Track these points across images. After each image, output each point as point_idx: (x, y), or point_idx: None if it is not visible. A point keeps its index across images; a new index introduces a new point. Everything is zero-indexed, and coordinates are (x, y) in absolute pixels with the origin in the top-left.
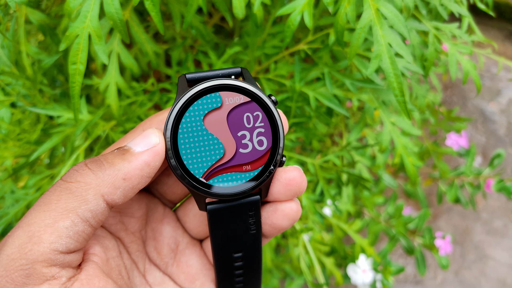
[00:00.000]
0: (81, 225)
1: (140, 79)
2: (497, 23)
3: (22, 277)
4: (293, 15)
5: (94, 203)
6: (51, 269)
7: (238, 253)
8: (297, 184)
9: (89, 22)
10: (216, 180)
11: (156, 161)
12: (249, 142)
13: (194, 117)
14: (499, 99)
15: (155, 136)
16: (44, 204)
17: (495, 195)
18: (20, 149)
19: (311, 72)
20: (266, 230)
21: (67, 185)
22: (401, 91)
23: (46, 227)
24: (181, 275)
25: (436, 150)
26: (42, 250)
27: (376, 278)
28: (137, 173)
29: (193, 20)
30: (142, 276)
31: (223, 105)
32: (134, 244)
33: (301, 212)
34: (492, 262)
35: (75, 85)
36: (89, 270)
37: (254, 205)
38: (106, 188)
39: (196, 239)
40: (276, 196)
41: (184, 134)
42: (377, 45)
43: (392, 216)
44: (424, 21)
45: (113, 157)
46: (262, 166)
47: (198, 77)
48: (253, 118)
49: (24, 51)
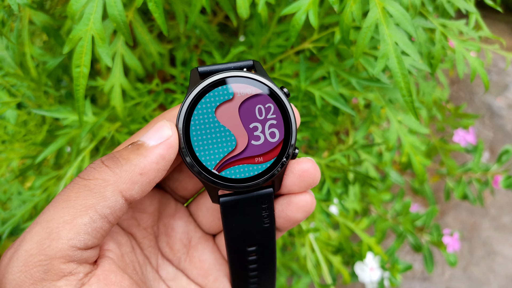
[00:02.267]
0: (99, 221)
1: (145, 79)
2: (505, 17)
3: (41, 272)
4: (298, 14)
5: (113, 200)
6: (68, 265)
7: (251, 247)
8: (311, 175)
9: (92, 24)
10: (228, 172)
11: (171, 153)
12: (261, 134)
13: (206, 109)
14: (507, 94)
15: (168, 129)
16: (62, 201)
17: (503, 191)
18: (26, 150)
19: (316, 71)
20: (280, 223)
21: (85, 183)
22: (409, 91)
23: (65, 223)
24: (194, 270)
25: (444, 146)
26: (60, 247)
27: (383, 275)
28: (154, 167)
29: (197, 20)
30: (155, 271)
31: (235, 97)
32: (146, 240)
33: (315, 204)
34: (500, 258)
35: (79, 88)
36: (105, 266)
37: (267, 198)
38: (124, 184)
39: (209, 234)
40: (290, 188)
41: (196, 126)
42: (384, 44)
43: (400, 213)
44: (430, 18)
45: (128, 152)
46: (275, 158)
47: (210, 70)
48: (265, 110)
49: (28, 53)
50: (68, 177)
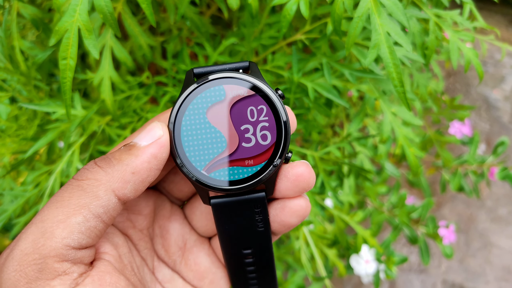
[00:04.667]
0: (93, 220)
1: (137, 72)
2: (501, 9)
3: (35, 271)
4: (289, 4)
5: (106, 199)
6: (62, 264)
7: (246, 249)
8: (305, 179)
9: (78, 16)
10: (218, 174)
11: (163, 152)
12: (252, 136)
13: (197, 110)
14: (503, 86)
15: (159, 129)
16: (56, 201)
17: (499, 183)
18: (17, 145)
19: (309, 62)
20: (275, 227)
21: (78, 183)
22: (401, 81)
23: (59, 222)
24: (189, 273)
25: (439, 138)
26: (55, 245)
27: (379, 268)
28: (145, 166)
29: (187, 11)
30: (151, 273)
31: (227, 98)
32: (143, 242)
33: (310, 209)
34: (497, 250)
35: (66, 80)
36: (100, 267)
37: (259, 202)
38: (116, 183)
39: (204, 237)
40: (284, 193)
41: (187, 126)
42: (375, 34)
43: (395, 206)
44: (424, 8)
45: (120, 153)
46: (266, 161)
47: (205, 71)
48: (257, 111)
49: (17, 46)
50: (58, 172)
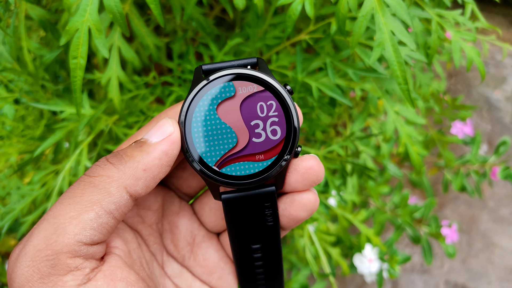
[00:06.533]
0: (105, 217)
1: (142, 72)
2: (502, 10)
3: (48, 267)
4: (294, 4)
5: (118, 195)
6: (75, 260)
7: (255, 244)
8: (315, 172)
9: (89, 15)
10: (229, 169)
11: (174, 149)
12: (262, 131)
13: (207, 106)
14: (504, 87)
15: (170, 125)
16: (69, 198)
17: (501, 183)
18: (24, 145)
19: (313, 62)
20: (284, 222)
21: (90, 180)
22: (405, 79)
23: (71, 219)
24: (198, 268)
25: (441, 138)
26: (67, 241)
27: (382, 267)
28: (157, 163)
29: (193, 12)
30: (160, 268)
31: (237, 94)
32: (152, 237)
33: (319, 202)
34: (499, 250)
35: (76, 79)
36: (111, 262)
37: (269, 196)
38: (128, 180)
39: (213, 233)
40: (293, 186)
41: (198, 123)
42: (380, 33)
43: (398, 206)
44: (427, 8)
45: (132, 150)
46: (276, 156)
47: (214, 68)
48: (266, 107)
49: (25, 47)
50: (66, 170)
